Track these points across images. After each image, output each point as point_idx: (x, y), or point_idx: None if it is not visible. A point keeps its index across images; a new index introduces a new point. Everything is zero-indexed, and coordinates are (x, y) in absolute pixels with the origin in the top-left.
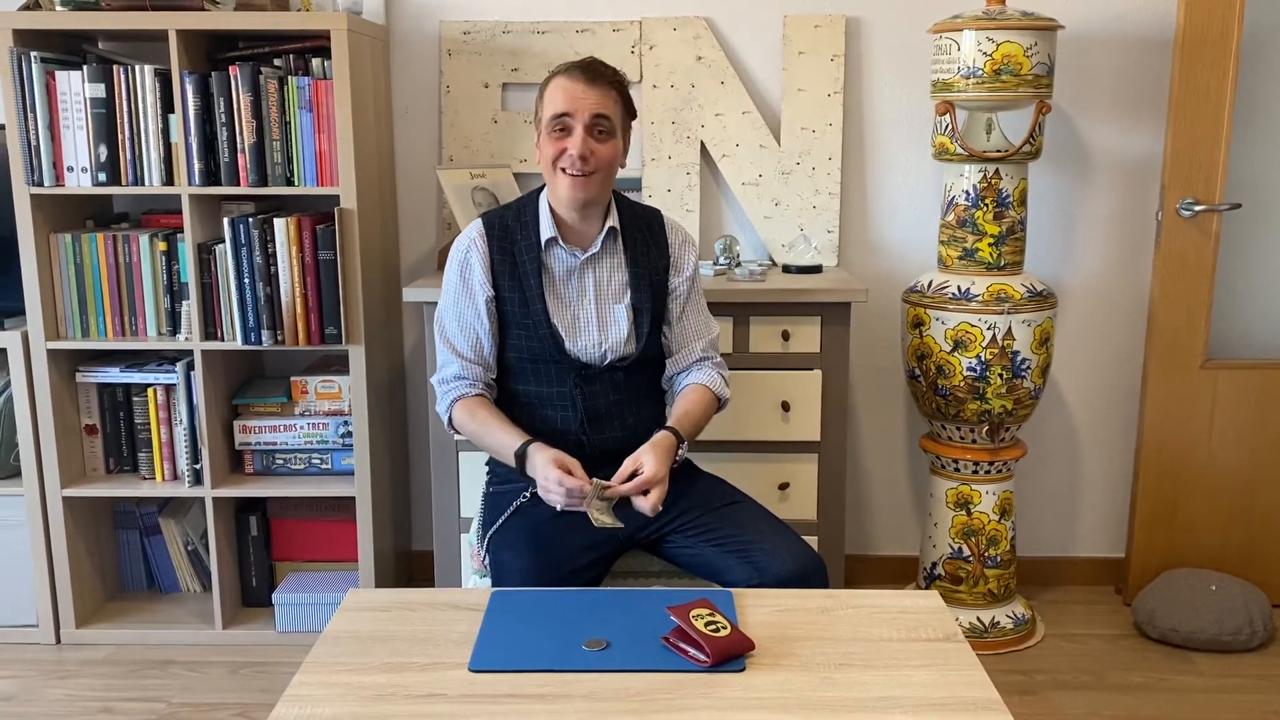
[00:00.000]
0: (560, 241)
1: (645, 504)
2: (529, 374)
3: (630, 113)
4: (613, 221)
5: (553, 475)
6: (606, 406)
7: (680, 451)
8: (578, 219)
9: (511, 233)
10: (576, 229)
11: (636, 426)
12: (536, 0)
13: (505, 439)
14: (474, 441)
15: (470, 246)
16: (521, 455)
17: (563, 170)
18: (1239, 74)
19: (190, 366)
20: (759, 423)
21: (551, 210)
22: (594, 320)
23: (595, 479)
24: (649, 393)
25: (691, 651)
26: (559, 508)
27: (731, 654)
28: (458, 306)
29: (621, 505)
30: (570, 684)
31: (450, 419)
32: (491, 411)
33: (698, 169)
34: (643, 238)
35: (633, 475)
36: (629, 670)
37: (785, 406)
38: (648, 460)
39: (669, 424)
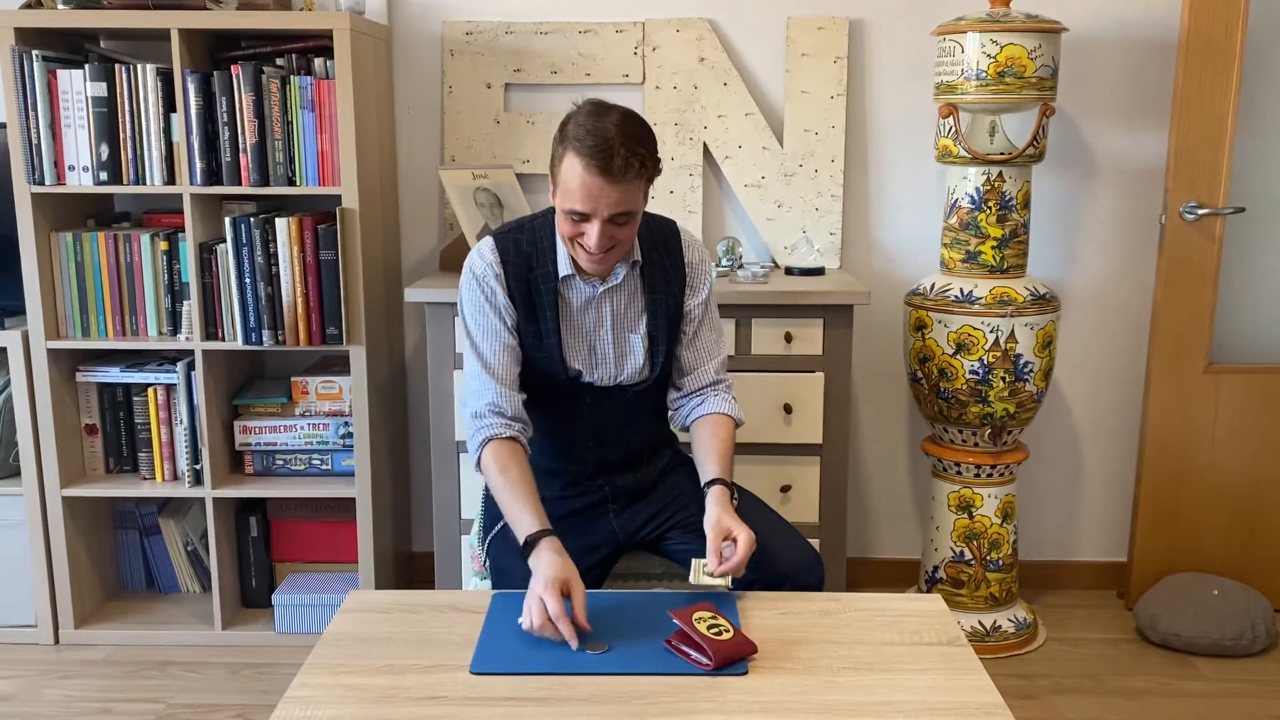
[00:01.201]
0: (578, 275)
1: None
2: (538, 393)
3: (654, 175)
4: (635, 256)
5: (553, 605)
6: (615, 423)
7: (734, 498)
8: None
9: (528, 259)
10: None
11: (641, 443)
12: (539, 1)
13: (523, 517)
14: (492, 493)
15: (487, 270)
16: (533, 543)
17: (580, 246)
18: (1243, 77)
19: (191, 366)
20: (761, 425)
21: None
22: (610, 352)
23: (695, 559)
24: (655, 411)
25: (694, 655)
26: (525, 626)
27: (734, 657)
28: (485, 329)
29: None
30: (571, 687)
31: (479, 460)
32: (522, 474)
33: (700, 170)
34: (659, 259)
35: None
36: (630, 673)
37: (787, 409)
38: (737, 527)
39: (716, 475)
